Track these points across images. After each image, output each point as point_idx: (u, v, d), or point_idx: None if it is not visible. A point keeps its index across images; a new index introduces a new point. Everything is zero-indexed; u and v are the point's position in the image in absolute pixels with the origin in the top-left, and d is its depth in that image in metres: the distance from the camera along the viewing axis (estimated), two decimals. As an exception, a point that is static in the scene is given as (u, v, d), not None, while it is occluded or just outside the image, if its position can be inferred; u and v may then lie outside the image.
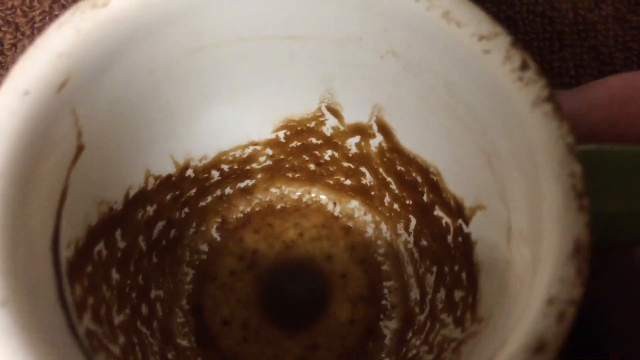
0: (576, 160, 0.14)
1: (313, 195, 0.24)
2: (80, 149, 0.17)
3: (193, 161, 0.22)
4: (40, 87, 0.15)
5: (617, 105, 0.19)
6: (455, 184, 0.19)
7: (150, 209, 0.21)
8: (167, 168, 0.21)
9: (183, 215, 0.23)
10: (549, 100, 0.15)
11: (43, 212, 0.16)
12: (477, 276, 0.18)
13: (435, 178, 0.20)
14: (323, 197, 0.24)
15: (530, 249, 0.14)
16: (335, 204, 0.24)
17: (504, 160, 0.16)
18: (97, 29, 0.15)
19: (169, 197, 0.22)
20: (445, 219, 0.20)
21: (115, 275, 0.19)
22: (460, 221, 0.19)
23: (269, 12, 0.17)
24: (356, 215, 0.24)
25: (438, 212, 0.20)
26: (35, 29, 0.26)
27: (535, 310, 0.13)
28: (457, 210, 0.19)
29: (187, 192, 0.22)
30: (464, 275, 0.19)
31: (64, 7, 0.26)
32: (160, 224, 0.22)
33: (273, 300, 0.23)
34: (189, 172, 0.22)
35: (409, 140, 0.20)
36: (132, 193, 0.20)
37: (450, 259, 0.20)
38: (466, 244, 0.19)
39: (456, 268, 0.20)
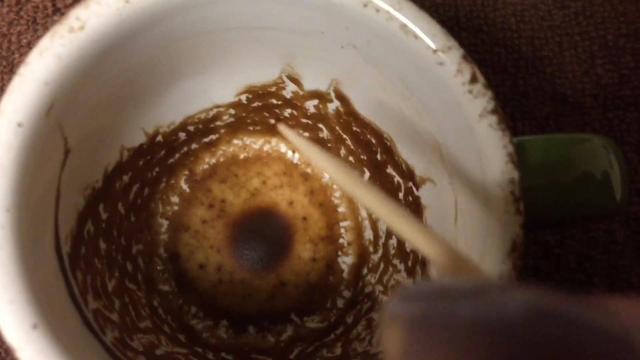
0: (515, 167, 0.17)
1: (273, 144, 0.26)
2: (67, 153, 0.18)
3: (162, 128, 0.23)
4: (32, 117, 0.16)
5: None
6: (407, 154, 0.22)
7: (126, 178, 0.23)
8: (139, 139, 0.22)
9: (154, 174, 0.24)
10: (494, 113, 0.17)
11: (44, 218, 0.17)
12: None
13: (388, 144, 0.22)
14: (282, 146, 0.26)
15: (471, 241, 0.17)
16: (294, 152, 0.26)
17: (453, 154, 0.18)
18: (76, 51, 0.16)
19: (141, 162, 0.23)
20: (397, 178, 0.23)
21: (102, 245, 0.21)
22: (410, 184, 0.22)
23: (237, 11, 0.18)
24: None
25: (390, 170, 0.23)
26: None
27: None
28: (408, 174, 0.22)
29: (158, 154, 0.24)
30: (413, 230, 0.22)
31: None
32: (135, 187, 0.23)
33: (243, 244, 0.25)
34: (159, 138, 0.23)
35: (365, 110, 0.22)
36: (109, 169, 0.21)
37: (401, 213, 0.23)
38: (416, 205, 0.22)
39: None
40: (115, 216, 0.22)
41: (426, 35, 0.17)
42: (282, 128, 0.21)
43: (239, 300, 0.25)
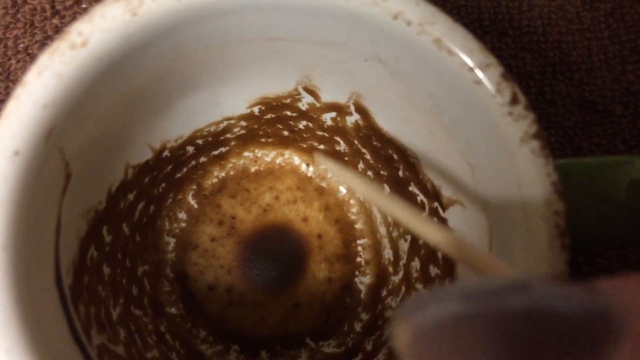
0: (560, 198, 0.15)
1: (286, 156, 0.24)
2: (68, 178, 0.17)
3: (169, 143, 0.22)
4: (29, 144, 0.14)
5: None
6: (433, 173, 0.20)
7: (130, 196, 0.21)
8: (145, 155, 0.21)
9: (160, 190, 0.23)
10: (537, 137, 0.15)
11: (45, 259, 0.16)
12: (454, 263, 0.19)
13: (412, 160, 0.21)
14: (296, 159, 0.24)
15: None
16: (308, 165, 0.24)
17: (487, 178, 0.17)
18: (78, 70, 0.15)
19: (147, 179, 0.22)
20: (421, 197, 0.21)
21: (106, 270, 0.20)
22: (436, 204, 0.20)
23: (252, 22, 0.17)
24: (329, 175, 0.24)
25: (413, 188, 0.21)
26: None
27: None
28: (434, 194, 0.20)
29: (164, 170, 0.22)
30: (439, 254, 0.21)
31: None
32: (140, 205, 0.22)
33: (255, 264, 0.24)
34: (166, 153, 0.22)
35: (387, 125, 0.21)
36: (113, 188, 0.20)
37: (425, 234, 0.21)
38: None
39: (431, 245, 0.21)
40: (119, 238, 0.21)
41: (462, 51, 0.15)
42: (319, 158, 0.20)
43: (250, 324, 0.23)
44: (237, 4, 0.16)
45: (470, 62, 0.15)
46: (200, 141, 0.23)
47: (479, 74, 0.15)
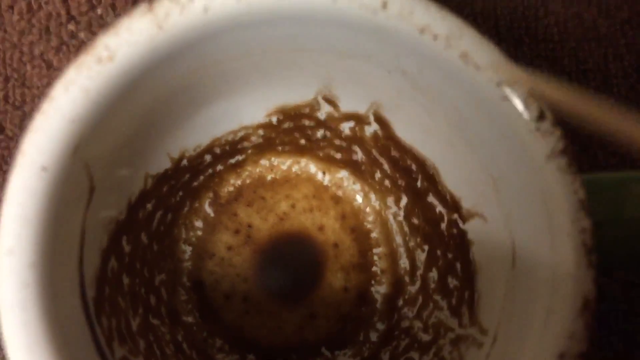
0: (587, 215, 0.15)
1: (302, 164, 0.24)
2: (92, 191, 0.17)
3: (188, 152, 0.22)
4: (57, 159, 0.14)
5: None
6: (453, 184, 0.20)
7: (149, 206, 0.21)
8: (164, 165, 0.21)
9: (178, 199, 0.23)
10: (564, 154, 0.15)
11: (71, 273, 0.16)
12: (474, 275, 0.19)
13: (431, 171, 0.21)
14: (312, 167, 0.24)
15: (536, 294, 0.16)
16: (324, 173, 0.24)
17: (511, 193, 0.17)
18: (105, 84, 0.15)
19: (165, 188, 0.22)
20: (440, 208, 0.21)
21: (125, 281, 0.20)
22: (456, 216, 0.20)
23: (274, 34, 0.17)
24: (345, 184, 0.24)
25: (432, 199, 0.21)
26: None
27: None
28: (453, 205, 0.20)
29: (182, 179, 0.22)
30: (458, 265, 0.20)
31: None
32: (158, 214, 0.22)
33: (271, 272, 0.24)
34: (184, 162, 0.22)
35: (408, 136, 0.21)
36: (133, 198, 0.20)
37: (444, 245, 0.21)
38: (462, 239, 0.20)
39: (450, 256, 0.21)
40: (138, 247, 0.21)
41: (489, 65, 0.15)
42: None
43: (266, 333, 0.23)
44: (265, 16, 0.16)
45: (497, 78, 0.15)
46: (218, 150, 0.22)
47: (507, 89, 0.15)
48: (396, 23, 0.15)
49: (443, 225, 0.21)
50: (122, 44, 0.15)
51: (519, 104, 0.15)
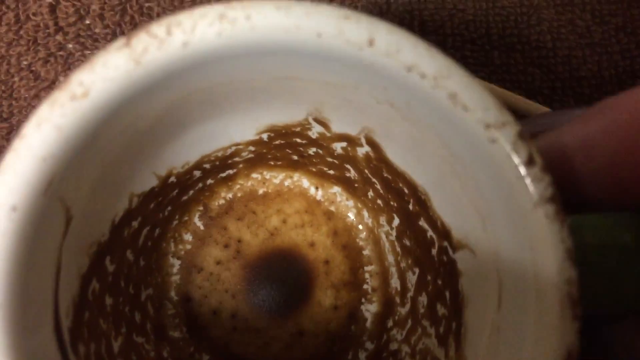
0: (573, 265, 0.15)
1: (295, 179, 0.24)
2: (69, 221, 0.16)
3: (175, 169, 0.21)
4: (28, 198, 0.14)
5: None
6: (444, 212, 0.20)
7: (135, 223, 0.21)
8: (150, 184, 0.21)
9: (166, 214, 0.22)
10: (552, 201, 0.15)
11: (43, 308, 0.16)
12: (462, 308, 0.19)
13: (423, 197, 0.20)
14: (305, 182, 0.24)
15: (519, 343, 0.15)
16: (317, 188, 0.24)
17: (499, 233, 0.16)
18: (78, 121, 0.14)
19: (152, 205, 0.21)
20: (430, 233, 0.21)
21: (108, 301, 0.20)
22: (446, 243, 0.20)
23: (263, 65, 0.16)
24: (338, 199, 0.24)
25: (423, 223, 0.21)
26: (20, 2, 0.23)
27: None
28: (444, 232, 0.20)
29: (170, 195, 0.22)
30: (447, 294, 0.20)
31: None
32: (145, 230, 0.22)
33: (260, 289, 0.23)
34: (172, 179, 0.21)
35: (399, 161, 0.20)
36: (117, 219, 0.20)
37: (434, 270, 0.21)
38: (452, 267, 0.20)
39: (439, 282, 0.21)
40: (123, 265, 0.21)
41: (478, 107, 0.15)
42: None
43: (254, 350, 0.23)
44: (246, 50, 0.15)
45: (486, 119, 0.15)
46: (207, 165, 0.22)
47: (495, 132, 0.15)
48: (383, 60, 0.15)
49: (434, 251, 0.21)
50: (97, 80, 0.14)
51: (507, 147, 0.15)
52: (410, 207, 0.21)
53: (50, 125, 0.14)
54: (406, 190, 0.21)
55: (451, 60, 0.15)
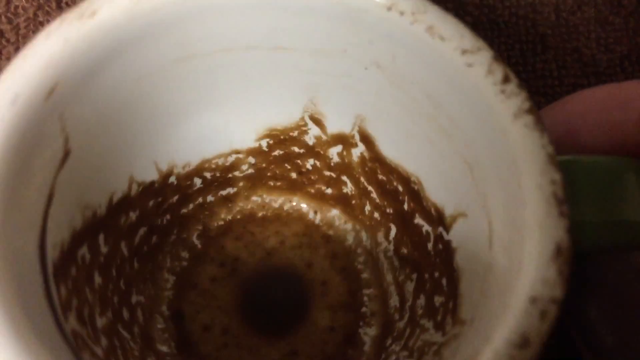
0: (557, 169, 0.15)
1: (294, 203, 0.24)
2: (67, 154, 0.17)
3: (176, 168, 0.22)
4: (29, 94, 0.15)
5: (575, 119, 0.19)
6: (436, 192, 0.20)
7: (132, 215, 0.21)
8: (150, 174, 0.21)
9: (165, 222, 0.23)
10: (530, 112, 0.15)
11: (30, 212, 0.16)
12: (457, 282, 0.18)
13: (416, 187, 0.21)
14: (304, 206, 0.24)
15: (511, 254, 0.15)
16: (316, 212, 0.24)
17: (485, 170, 0.17)
18: (84, 38, 0.16)
19: (151, 203, 0.22)
20: (426, 227, 0.21)
21: (97, 279, 0.19)
22: (440, 229, 0.20)
23: (254, 24, 0.18)
24: (336, 223, 0.24)
25: (418, 220, 0.21)
26: (20, 35, 0.26)
27: (519, 309, 0.13)
28: (438, 219, 0.20)
29: (169, 199, 0.22)
30: (444, 281, 0.20)
31: (48, 14, 0.26)
32: (142, 230, 0.22)
33: (254, 307, 0.23)
34: (172, 179, 0.22)
35: (391, 150, 0.21)
36: (115, 198, 0.20)
37: (431, 266, 0.20)
38: (447, 251, 0.19)
39: (436, 275, 0.20)
40: (116, 254, 0.20)
41: (454, 36, 0.16)
42: None
43: (244, 368, 0.22)
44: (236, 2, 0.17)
45: (462, 46, 0.16)
46: (208, 174, 0.23)
47: (471, 57, 0.16)
48: (364, 3, 0.17)
49: (429, 245, 0.21)
50: (104, 4, 0.16)
51: (483, 69, 0.16)
52: (405, 206, 0.21)
53: (57, 34, 0.15)
54: (400, 188, 0.21)
55: (425, -1, 0.17)
